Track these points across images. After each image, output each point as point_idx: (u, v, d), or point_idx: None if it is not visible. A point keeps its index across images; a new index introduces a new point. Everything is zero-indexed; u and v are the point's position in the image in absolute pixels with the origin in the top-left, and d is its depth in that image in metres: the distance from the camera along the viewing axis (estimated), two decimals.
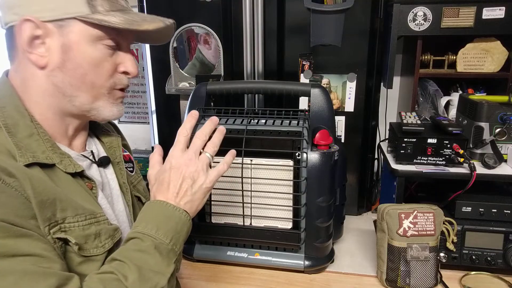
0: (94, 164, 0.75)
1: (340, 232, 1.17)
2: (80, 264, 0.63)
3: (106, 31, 0.66)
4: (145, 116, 1.83)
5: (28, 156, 0.61)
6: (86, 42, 0.65)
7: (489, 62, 1.25)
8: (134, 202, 0.84)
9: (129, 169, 0.87)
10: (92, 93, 0.68)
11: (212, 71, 1.31)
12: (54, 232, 0.60)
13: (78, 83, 0.67)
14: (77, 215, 0.64)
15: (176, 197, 0.68)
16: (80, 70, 0.66)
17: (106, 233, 0.67)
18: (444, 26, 1.17)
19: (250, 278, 1.02)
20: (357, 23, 1.18)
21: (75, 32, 0.64)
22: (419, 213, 0.94)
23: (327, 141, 0.98)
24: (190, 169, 0.70)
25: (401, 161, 1.08)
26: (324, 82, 1.25)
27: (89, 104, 0.69)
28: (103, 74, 0.68)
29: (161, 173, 0.71)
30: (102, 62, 0.68)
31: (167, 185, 0.69)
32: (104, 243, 0.67)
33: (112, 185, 0.78)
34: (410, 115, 1.15)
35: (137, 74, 0.73)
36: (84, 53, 0.66)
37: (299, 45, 1.23)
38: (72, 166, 0.67)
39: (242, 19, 1.21)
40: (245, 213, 1.02)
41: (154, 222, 0.64)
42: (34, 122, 0.66)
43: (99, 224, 0.67)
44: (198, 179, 0.70)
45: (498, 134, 1.05)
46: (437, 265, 0.96)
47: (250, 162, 1.00)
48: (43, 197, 0.59)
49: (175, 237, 0.64)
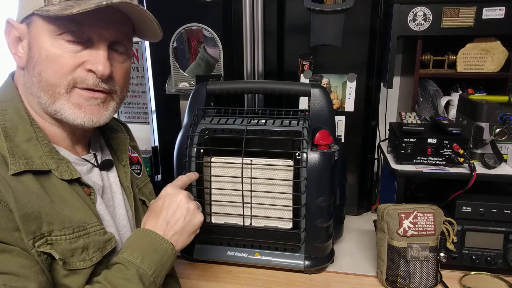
0: (96, 168, 0.73)
1: (340, 232, 1.17)
2: (66, 276, 0.61)
3: (63, 24, 0.61)
4: (145, 116, 1.82)
5: (21, 163, 0.59)
6: (44, 38, 0.62)
7: (489, 62, 1.25)
8: (138, 205, 0.82)
9: (136, 171, 0.86)
10: (48, 92, 0.63)
11: (211, 68, 1.31)
12: (39, 246, 0.58)
13: (37, 82, 0.63)
14: (64, 228, 0.61)
15: (166, 226, 0.68)
16: (37, 68, 0.62)
17: (94, 246, 0.65)
18: (444, 26, 1.17)
19: (250, 278, 1.02)
20: (357, 23, 1.18)
21: (36, 28, 0.62)
22: (419, 213, 0.94)
23: (327, 141, 0.98)
24: (185, 201, 0.71)
25: (401, 161, 1.08)
26: (324, 82, 1.25)
27: (50, 106, 0.64)
28: (58, 71, 0.62)
29: (156, 202, 0.71)
30: (58, 58, 0.62)
31: (159, 212, 0.69)
32: (92, 257, 0.64)
33: (114, 189, 0.76)
34: (410, 115, 1.15)
35: (104, 73, 0.64)
36: (40, 48, 0.62)
37: (299, 45, 1.23)
38: (69, 172, 0.65)
39: (242, 19, 1.21)
40: (245, 213, 1.02)
41: (140, 251, 0.63)
42: (34, 126, 0.64)
43: (88, 236, 0.64)
44: (194, 212, 0.71)
45: (498, 134, 1.05)
46: (437, 265, 0.96)
47: (250, 162, 1.00)
48: (27, 210, 0.57)
49: (158, 270, 0.64)
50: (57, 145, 0.67)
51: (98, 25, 0.63)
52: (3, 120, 0.62)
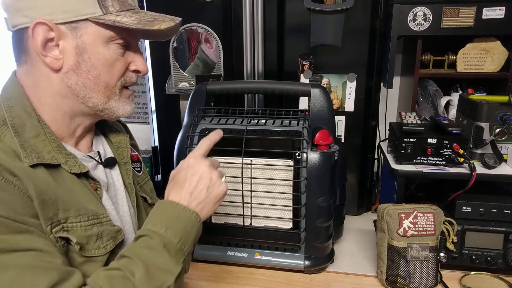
0: (100, 165, 0.75)
1: (340, 232, 1.17)
2: (82, 264, 0.63)
3: (118, 32, 0.67)
4: (145, 116, 1.82)
5: (33, 156, 0.61)
6: (99, 43, 0.66)
7: (489, 62, 1.25)
8: (140, 202, 0.84)
9: (137, 169, 0.87)
10: (105, 93, 0.69)
11: (211, 68, 1.31)
12: (56, 232, 0.60)
13: (92, 85, 0.67)
14: (80, 216, 0.64)
15: (190, 197, 0.67)
16: (94, 72, 0.67)
17: (108, 234, 0.68)
18: (444, 26, 1.17)
19: (250, 278, 1.02)
20: (357, 23, 1.18)
21: (88, 34, 0.65)
22: (419, 213, 0.94)
23: (327, 141, 0.98)
24: (208, 171, 0.69)
25: (401, 161, 1.08)
26: (324, 82, 1.25)
27: (102, 105, 0.70)
28: (115, 74, 0.69)
29: (177, 171, 0.71)
30: (115, 62, 0.68)
31: (183, 183, 0.68)
32: (106, 244, 0.67)
33: (117, 186, 0.78)
34: (410, 115, 1.15)
35: (147, 72, 0.75)
36: (98, 54, 0.66)
37: (299, 45, 1.23)
38: (77, 166, 0.67)
39: (242, 19, 1.21)
40: (245, 213, 1.02)
41: (163, 222, 0.63)
42: (41, 122, 0.66)
43: (102, 225, 0.67)
44: (216, 182, 0.70)
45: (498, 134, 1.05)
46: (437, 265, 0.96)
47: (250, 162, 1.00)
48: (45, 197, 0.59)
49: (184, 238, 0.64)
50: (63, 142, 0.69)
51: (141, 32, 0.71)
52: (11, 116, 0.63)
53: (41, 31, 0.62)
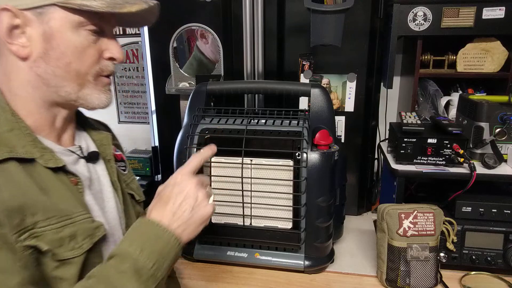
0: (82, 159, 0.72)
1: (340, 232, 1.17)
2: (56, 268, 0.60)
3: (88, 16, 0.63)
4: (145, 116, 1.83)
5: (4, 151, 0.59)
6: (68, 29, 0.63)
7: (489, 62, 1.25)
8: (127, 199, 0.81)
9: (122, 168, 0.84)
10: (77, 81, 0.66)
11: (211, 67, 1.31)
12: (25, 239, 0.56)
13: (63, 73, 0.64)
14: (49, 218, 0.60)
15: (173, 217, 0.63)
16: (64, 59, 0.63)
17: (83, 233, 0.63)
18: (444, 26, 1.17)
19: (250, 278, 1.02)
20: (357, 23, 1.18)
21: (56, 19, 0.61)
22: (419, 213, 0.94)
23: (327, 141, 0.98)
24: (195, 190, 0.65)
25: (401, 161, 1.08)
26: (324, 82, 1.25)
27: (75, 93, 0.66)
28: (87, 61, 0.66)
29: (164, 186, 0.67)
30: (86, 49, 0.65)
31: (166, 201, 0.65)
32: (82, 244, 0.63)
33: (103, 181, 0.75)
34: (410, 115, 1.15)
35: (123, 60, 0.72)
36: (67, 40, 0.63)
37: (299, 45, 1.23)
38: (54, 160, 0.64)
39: (242, 19, 1.21)
40: (245, 213, 1.02)
41: (139, 242, 0.60)
42: (15, 116, 0.64)
43: (75, 224, 0.63)
44: (202, 202, 0.66)
45: (498, 134, 1.05)
46: (437, 265, 0.96)
47: (250, 162, 1.00)
48: (10, 204, 0.56)
49: (159, 262, 0.59)
50: (42, 136, 0.66)
51: (114, 17, 0.67)
52: None
53: (5, 18, 0.59)
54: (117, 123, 1.85)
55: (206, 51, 1.31)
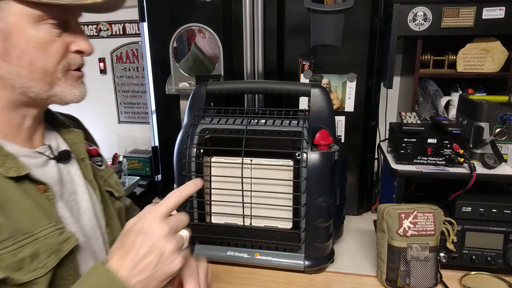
0: (52, 160, 0.67)
1: (340, 232, 1.17)
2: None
3: (48, 10, 0.58)
4: (145, 116, 1.83)
5: None
6: (27, 25, 0.58)
7: (489, 62, 1.25)
8: (106, 198, 0.77)
9: (98, 164, 0.80)
10: (45, 80, 0.61)
11: (208, 64, 1.31)
12: None
13: (27, 73, 0.60)
14: (4, 240, 0.54)
15: (132, 270, 0.54)
16: (26, 57, 0.59)
17: (47, 251, 0.57)
18: (444, 26, 1.17)
19: (250, 278, 1.02)
20: (357, 23, 1.18)
21: (13, 15, 0.57)
22: (419, 213, 0.94)
23: (327, 141, 0.98)
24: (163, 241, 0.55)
25: (401, 161, 1.08)
26: (324, 82, 1.25)
27: (45, 93, 0.62)
28: (53, 57, 0.61)
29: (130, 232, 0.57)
30: (49, 44, 0.60)
31: (129, 249, 0.55)
32: (45, 263, 0.57)
33: (77, 182, 0.71)
34: (410, 115, 1.15)
35: (92, 51, 0.65)
36: (27, 37, 0.58)
37: (299, 45, 1.23)
38: (16, 169, 0.58)
39: (242, 19, 1.21)
40: (245, 213, 1.02)
41: None
42: None
43: (37, 242, 0.57)
44: (169, 257, 0.55)
45: (498, 134, 1.05)
46: (437, 265, 0.96)
47: (250, 162, 1.00)
48: None
49: None
50: (5, 140, 0.62)
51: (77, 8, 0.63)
52: None
53: None
54: (117, 123, 1.85)
55: (205, 46, 1.30)
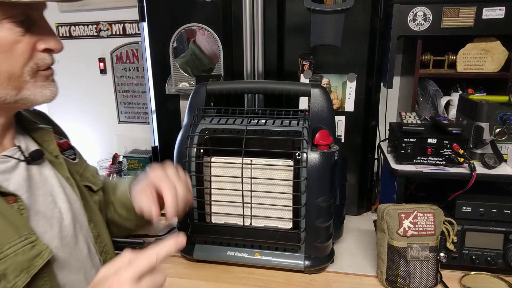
0: (22, 163, 0.64)
1: (340, 232, 1.17)
2: None
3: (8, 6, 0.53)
4: (145, 116, 1.83)
5: None
6: None
7: (489, 62, 1.25)
8: (85, 194, 0.74)
9: (71, 157, 0.76)
10: (12, 85, 0.57)
11: (207, 62, 1.31)
12: None
13: None
14: None
15: None
16: None
17: (16, 269, 0.54)
18: (444, 26, 1.17)
19: (250, 278, 1.02)
20: (357, 23, 1.18)
21: None
22: (419, 213, 0.94)
23: (327, 141, 0.98)
24: None
25: (401, 161, 1.08)
26: (324, 82, 1.25)
27: (13, 97, 0.58)
28: (18, 59, 0.56)
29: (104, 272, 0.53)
30: (14, 45, 0.55)
31: None
32: (15, 282, 0.54)
33: (52, 182, 0.67)
34: (410, 115, 1.15)
35: (62, 48, 0.61)
36: None
37: (299, 45, 1.23)
38: None
39: (242, 19, 1.21)
40: (245, 213, 1.02)
41: None
42: None
43: (5, 260, 0.53)
44: None
45: (498, 134, 1.05)
46: (437, 265, 0.96)
47: (250, 162, 1.00)
48: None
49: None
50: None
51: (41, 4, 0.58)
52: None
53: None
54: (117, 123, 1.85)
55: (204, 44, 1.30)
